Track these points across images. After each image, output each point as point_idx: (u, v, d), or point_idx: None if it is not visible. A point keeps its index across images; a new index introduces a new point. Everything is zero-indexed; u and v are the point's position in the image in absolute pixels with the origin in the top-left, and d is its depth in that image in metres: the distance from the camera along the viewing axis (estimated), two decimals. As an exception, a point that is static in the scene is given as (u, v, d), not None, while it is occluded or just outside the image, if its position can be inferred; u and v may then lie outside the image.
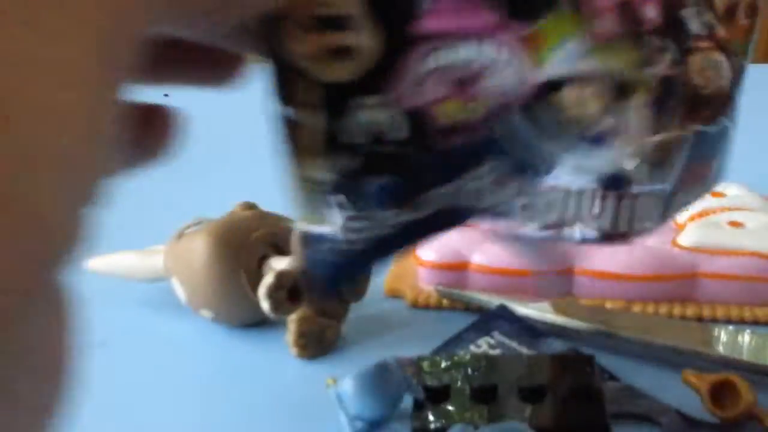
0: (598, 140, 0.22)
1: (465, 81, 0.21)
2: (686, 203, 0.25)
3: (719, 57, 0.23)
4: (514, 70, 0.21)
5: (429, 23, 0.20)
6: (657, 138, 0.23)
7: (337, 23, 0.20)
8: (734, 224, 0.45)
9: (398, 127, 0.21)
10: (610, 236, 0.24)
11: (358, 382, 0.33)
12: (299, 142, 0.21)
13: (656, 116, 0.22)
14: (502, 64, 0.21)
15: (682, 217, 0.46)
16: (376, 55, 0.20)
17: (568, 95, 0.21)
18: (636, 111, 0.22)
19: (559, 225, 0.24)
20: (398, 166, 0.21)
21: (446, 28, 0.20)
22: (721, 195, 0.48)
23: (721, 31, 0.23)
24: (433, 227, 0.23)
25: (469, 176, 0.22)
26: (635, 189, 0.23)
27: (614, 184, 0.23)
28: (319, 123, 0.20)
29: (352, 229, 0.22)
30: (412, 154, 0.21)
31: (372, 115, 0.20)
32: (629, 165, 0.23)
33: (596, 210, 0.23)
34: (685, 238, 0.44)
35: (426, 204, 0.22)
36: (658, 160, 0.23)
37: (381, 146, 0.21)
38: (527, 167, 0.22)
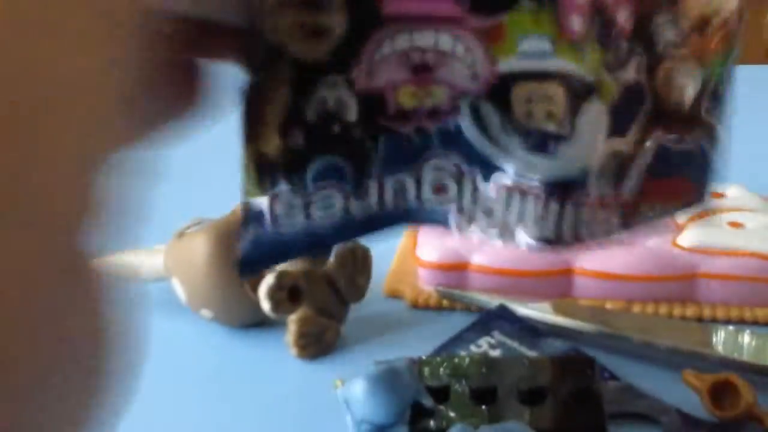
0: (548, 141, 0.21)
1: (421, 68, 0.21)
2: (654, 216, 0.24)
3: (692, 66, 0.23)
4: (471, 62, 0.21)
5: (393, 5, 0.20)
6: (612, 145, 0.22)
7: (316, 3, 0.20)
8: (734, 225, 0.45)
9: (349, 107, 0.21)
10: (553, 242, 0.23)
11: (368, 384, 0.33)
12: (261, 114, 0.21)
13: (614, 123, 0.22)
14: (460, 54, 0.20)
15: (682, 217, 0.46)
16: (344, 35, 0.20)
17: (524, 92, 0.21)
18: (593, 115, 0.22)
19: (503, 228, 0.23)
20: (343, 147, 0.21)
21: (409, 11, 0.20)
22: (720, 195, 0.48)
23: (695, 42, 0.22)
24: (370, 228, 0.23)
25: (412, 170, 0.22)
26: (582, 196, 0.23)
27: (560, 188, 0.22)
28: (283, 98, 0.21)
29: (289, 213, 0.22)
30: (358, 136, 0.21)
31: (328, 95, 0.21)
32: (578, 171, 0.22)
33: (539, 213, 0.23)
34: (685, 239, 0.44)
35: (367, 196, 0.22)
36: (610, 168, 0.23)
37: (331, 126, 0.21)
38: (473, 167, 0.22)
